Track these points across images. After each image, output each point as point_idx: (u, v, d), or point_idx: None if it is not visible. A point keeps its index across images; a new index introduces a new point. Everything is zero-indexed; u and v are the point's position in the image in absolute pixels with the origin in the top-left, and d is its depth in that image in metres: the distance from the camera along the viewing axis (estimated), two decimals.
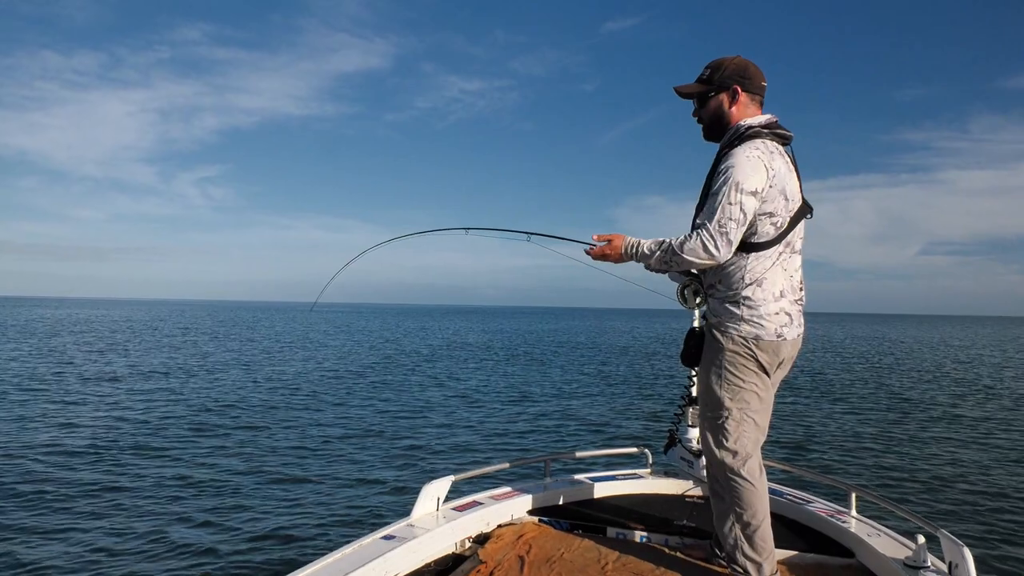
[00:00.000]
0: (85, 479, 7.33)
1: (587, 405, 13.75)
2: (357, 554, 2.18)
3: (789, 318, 2.19)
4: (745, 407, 2.20)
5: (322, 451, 9.03)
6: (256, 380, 17.17)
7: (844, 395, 15.44)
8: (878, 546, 2.34)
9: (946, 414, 12.71)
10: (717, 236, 2.09)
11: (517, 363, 23.84)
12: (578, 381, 18.23)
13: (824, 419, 11.90)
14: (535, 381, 18.15)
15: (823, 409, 13.13)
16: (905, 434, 10.52)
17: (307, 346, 30.66)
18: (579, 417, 12.22)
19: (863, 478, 7.74)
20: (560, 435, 10.54)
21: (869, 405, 13.88)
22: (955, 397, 15.43)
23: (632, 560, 2.46)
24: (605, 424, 11.53)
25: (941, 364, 24.86)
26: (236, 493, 6.94)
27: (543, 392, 15.81)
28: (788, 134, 2.23)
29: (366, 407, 13.06)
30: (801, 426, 11.16)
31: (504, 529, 2.75)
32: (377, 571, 2.15)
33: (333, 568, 2.05)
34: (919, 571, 2.09)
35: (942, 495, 7.06)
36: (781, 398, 14.33)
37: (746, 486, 2.19)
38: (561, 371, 21.02)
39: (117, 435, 9.73)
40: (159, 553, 5.28)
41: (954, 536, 2.11)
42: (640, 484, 3.22)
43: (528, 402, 14.14)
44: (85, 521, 5.96)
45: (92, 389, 14.75)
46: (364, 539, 2.31)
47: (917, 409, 13.35)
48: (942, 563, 2.15)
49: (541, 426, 11.29)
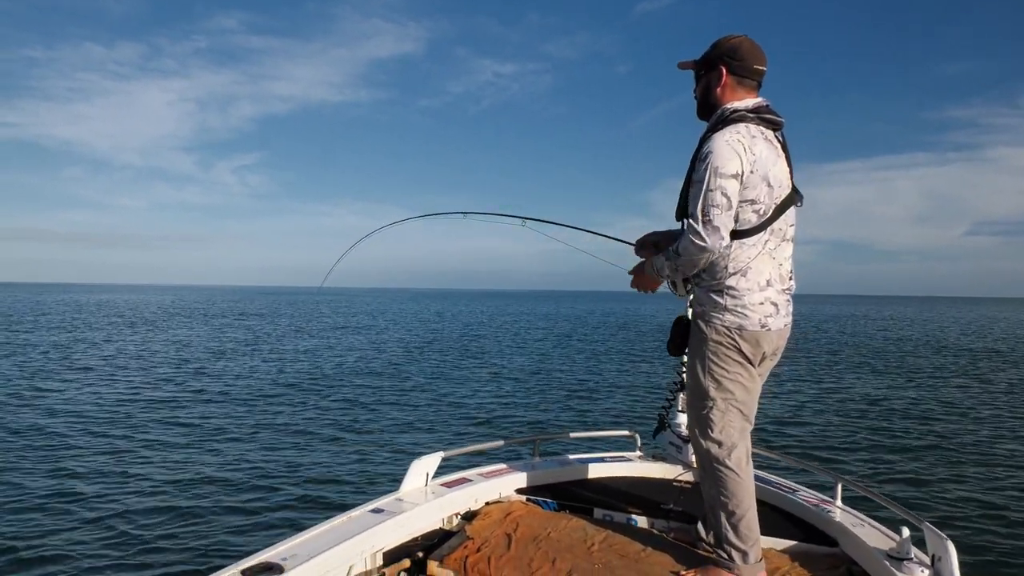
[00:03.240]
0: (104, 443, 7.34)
1: (578, 386, 13.80)
2: (345, 526, 2.19)
3: (775, 308, 2.16)
4: (730, 397, 2.19)
5: (313, 427, 9.07)
6: (250, 362, 17.19)
7: (836, 382, 15.52)
8: (862, 536, 2.36)
9: (942, 403, 12.80)
10: (702, 225, 2.05)
11: (521, 345, 23.90)
12: (576, 360, 18.30)
13: (813, 406, 11.96)
14: (531, 361, 18.21)
15: (811, 395, 13.20)
16: (897, 424, 10.59)
17: (311, 332, 30.71)
18: (570, 397, 12.28)
19: (850, 468, 7.80)
20: (551, 415, 10.59)
21: (862, 393, 13.95)
22: (958, 386, 15.52)
23: (618, 541, 2.47)
24: (595, 406, 11.58)
25: (944, 346, 24.98)
26: (226, 464, 6.98)
27: (536, 372, 15.87)
28: (777, 119, 2.17)
29: (360, 387, 13.10)
30: (790, 413, 11.23)
31: (492, 507, 2.76)
32: (365, 544, 2.16)
33: (321, 540, 2.06)
34: (902, 563, 2.11)
35: (929, 488, 7.12)
36: (768, 385, 14.42)
37: (731, 476, 2.19)
38: (563, 352, 21.09)
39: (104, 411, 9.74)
40: (138, 523, 5.31)
41: (938, 529, 2.13)
42: (629, 467, 3.23)
43: (520, 381, 14.19)
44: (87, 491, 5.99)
45: (124, 368, 14.77)
46: (353, 512, 2.32)
47: (913, 398, 13.43)
48: (925, 555, 2.16)
49: (531, 405, 11.34)
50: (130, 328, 25.88)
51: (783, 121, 2.19)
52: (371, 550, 2.21)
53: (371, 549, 2.21)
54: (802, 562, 2.36)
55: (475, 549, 2.33)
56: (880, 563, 2.17)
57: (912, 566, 2.08)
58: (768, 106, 2.18)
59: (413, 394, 11.94)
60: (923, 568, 2.07)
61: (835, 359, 21.62)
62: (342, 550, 2.05)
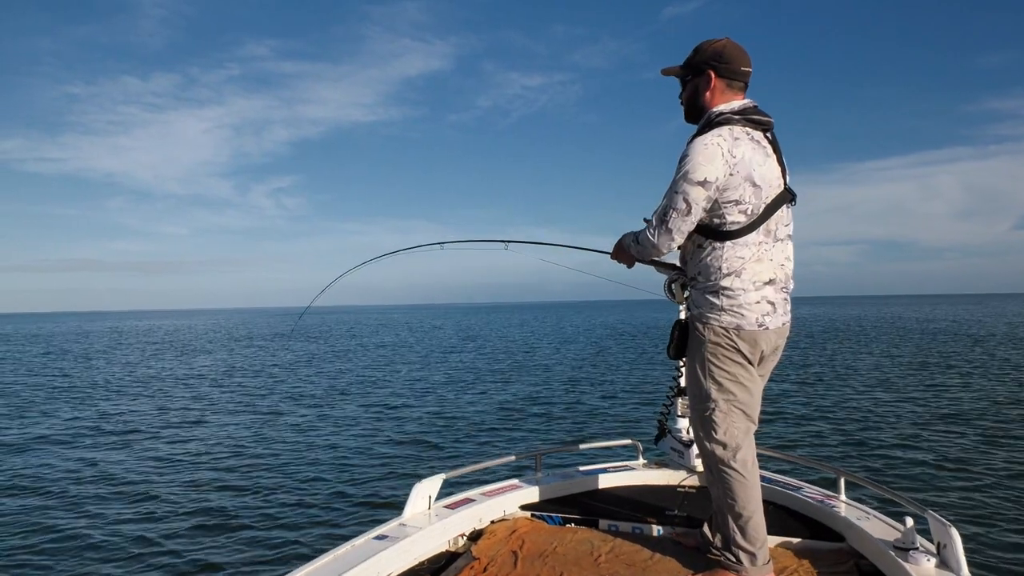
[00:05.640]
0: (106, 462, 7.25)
1: (578, 398, 13.77)
2: (350, 555, 2.17)
3: (772, 307, 2.16)
4: (732, 398, 2.19)
5: (313, 452, 8.99)
6: (240, 387, 17.05)
7: (836, 378, 15.58)
8: (868, 529, 2.36)
9: (943, 395, 12.86)
10: (657, 225, 2.17)
11: (513, 357, 23.86)
12: (574, 373, 18.26)
13: (815, 402, 11.99)
14: (528, 375, 18.16)
15: (814, 392, 13.24)
16: (898, 414, 10.63)
17: (299, 346, 30.50)
18: (570, 410, 12.25)
19: (854, 461, 7.81)
20: (551, 429, 10.55)
21: (861, 388, 14.01)
22: (964, 378, 15.61)
23: (625, 551, 2.47)
24: (596, 416, 11.56)
25: (953, 347, 25.15)
26: (226, 496, 6.90)
27: (536, 385, 15.82)
28: (765, 120, 2.18)
29: (354, 408, 13.02)
30: (793, 411, 11.25)
31: (497, 525, 2.75)
32: (370, 571, 2.14)
33: (326, 570, 2.04)
34: (908, 552, 2.11)
35: (931, 477, 7.14)
36: (770, 382, 14.41)
37: (737, 478, 2.19)
38: (560, 364, 21.05)
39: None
40: (142, 553, 5.24)
41: (942, 517, 2.13)
42: (631, 476, 3.22)
43: (519, 396, 14.15)
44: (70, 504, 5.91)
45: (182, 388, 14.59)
46: (357, 540, 2.30)
47: (910, 391, 13.49)
48: (931, 544, 2.17)
49: (532, 420, 11.30)
50: (155, 357, 25.69)
51: (771, 121, 2.20)
52: None
53: None
54: (809, 559, 2.36)
55: (481, 569, 2.31)
56: (887, 555, 2.18)
57: (918, 555, 2.08)
58: (755, 107, 2.19)
59: (409, 414, 11.87)
60: (929, 556, 2.07)
61: (834, 352, 21.71)
62: None
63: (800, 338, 29.85)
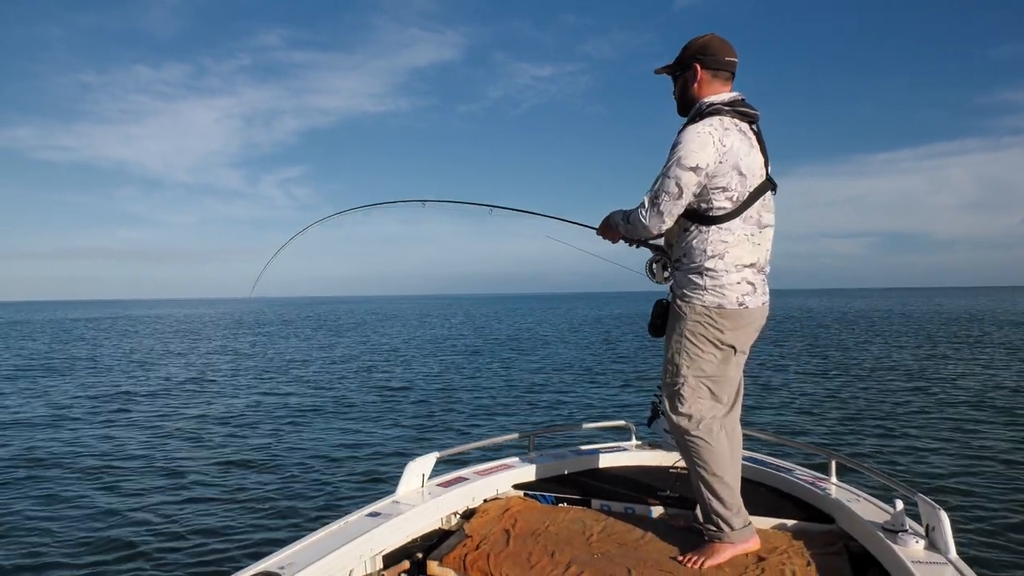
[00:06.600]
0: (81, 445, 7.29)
1: (573, 380, 13.83)
2: (343, 531, 2.18)
3: (752, 287, 2.25)
4: (701, 375, 2.28)
5: (308, 431, 9.03)
6: (239, 367, 17.08)
7: (829, 365, 15.66)
8: (858, 511, 2.38)
9: (934, 380, 12.94)
10: (649, 207, 2.24)
11: (511, 343, 23.91)
12: (567, 357, 18.33)
13: (810, 388, 12.06)
14: (521, 359, 18.23)
15: (810, 379, 13.31)
16: (888, 400, 10.70)
17: (293, 334, 30.55)
18: (565, 391, 12.30)
19: (846, 445, 7.87)
20: (546, 410, 10.60)
21: (857, 374, 14.09)
22: (957, 367, 15.70)
23: (617, 530, 2.48)
24: (591, 398, 11.61)
25: (938, 334, 25.26)
26: (221, 473, 6.94)
27: (529, 368, 15.89)
28: (752, 112, 2.26)
29: (351, 388, 13.06)
30: (785, 395, 11.32)
31: (490, 504, 2.76)
32: (364, 547, 2.16)
33: (319, 546, 2.05)
34: (897, 535, 2.13)
35: (922, 460, 7.20)
36: (763, 368, 14.54)
37: (702, 444, 2.27)
38: (555, 349, 21.12)
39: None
40: (138, 530, 5.28)
41: (931, 500, 2.15)
42: (624, 456, 3.24)
43: (514, 378, 14.20)
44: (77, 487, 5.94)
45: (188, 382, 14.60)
46: (350, 516, 2.31)
47: (902, 377, 13.57)
48: (920, 526, 2.19)
49: (527, 401, 11.35)
50: (161, 349, 25.76)
51: (758, 114, 2.29)
52: (370, 553, 2.20)
53: (370, 552, 2.20)
54: (800, 540, 2.38)
55: (474, 547, 2.33)
56: (876, 536, 2.20)
57: (907, 537, 2.10)
58: (743, 100, 2.28)
59: (404, 395, 11.92)
60: (918, 539, 2.09)
61: (827, 340, 21.81)
62: (341, 555, 2.04)
63: (802, 328, 29.98)
